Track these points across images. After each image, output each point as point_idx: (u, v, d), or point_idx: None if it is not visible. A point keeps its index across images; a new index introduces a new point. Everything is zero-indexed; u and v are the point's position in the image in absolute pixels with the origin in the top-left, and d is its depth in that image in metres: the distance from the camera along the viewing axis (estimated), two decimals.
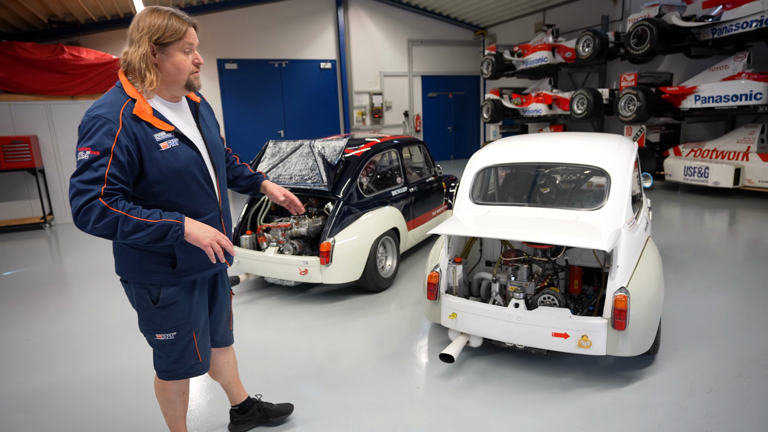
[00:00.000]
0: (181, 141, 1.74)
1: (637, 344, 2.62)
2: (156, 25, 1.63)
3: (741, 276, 4.36)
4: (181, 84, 1.73)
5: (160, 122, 1.69)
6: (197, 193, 1.79)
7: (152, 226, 1.57)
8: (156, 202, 1.70)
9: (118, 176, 1.56)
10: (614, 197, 2.88)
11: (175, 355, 1.91)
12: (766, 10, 6.95)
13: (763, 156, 7.34)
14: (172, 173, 1.69)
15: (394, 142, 4.95)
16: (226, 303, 2.15)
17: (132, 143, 1.60)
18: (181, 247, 1.75)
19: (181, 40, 1.68)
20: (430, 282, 3.01)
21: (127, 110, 1.61)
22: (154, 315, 1.84)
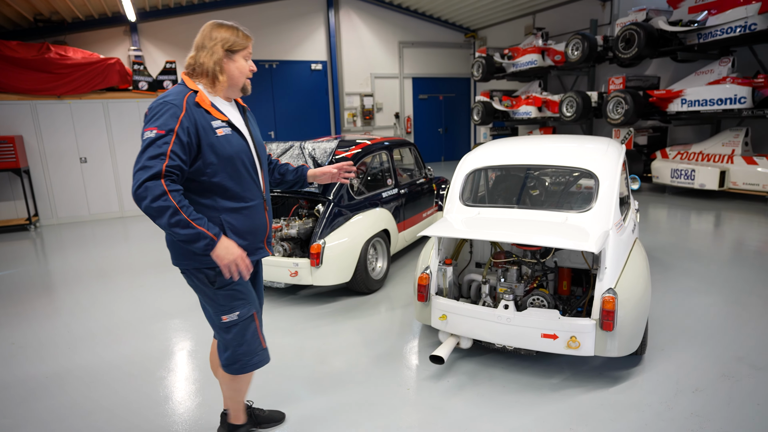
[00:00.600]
0: (233, 130, 1.94)
1: (624, 345, 2.64)
2: (227, 37, 1.90)
3: (726, 277, 4.42)
4: (239, 86, 1.98)
5: (217, 112, 1.90)
6: (245, 179, 1.97)
7: (194, 229, 1.72)
8: (209, 182, 1.87)
9: (178, 154, 1.74)
10: (602, 199, 2.91)
11: (239, 339, 2.01)
12: (749, 16, 7.09)
13: (747, 159, 7.46)
14: (226, 157, 1.88)
15: (385, 144, 4.96)
16: (262, 294, 2.31)
17: (192, 126, 1.79)
18: (232, 229, 1.92)
19: (245, 49, 1.96)
20: (420, 284, 3.02)
21: (190, 98, 1.84)
22: (216, 296, 1.96)
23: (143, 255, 6.07)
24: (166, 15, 11.59)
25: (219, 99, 1.97)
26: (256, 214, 2.02)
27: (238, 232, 1.95)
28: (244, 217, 1.97)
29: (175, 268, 5.35)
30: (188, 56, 1.94)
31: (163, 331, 3.80)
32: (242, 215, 1.97)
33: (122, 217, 8.63)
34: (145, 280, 5.07)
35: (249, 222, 1.99)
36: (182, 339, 3.65)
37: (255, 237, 2.03)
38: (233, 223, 1.93)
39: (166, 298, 4.50)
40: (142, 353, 3.43)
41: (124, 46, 11.40)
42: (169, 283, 4.91)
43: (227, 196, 1.92)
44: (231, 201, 1.93)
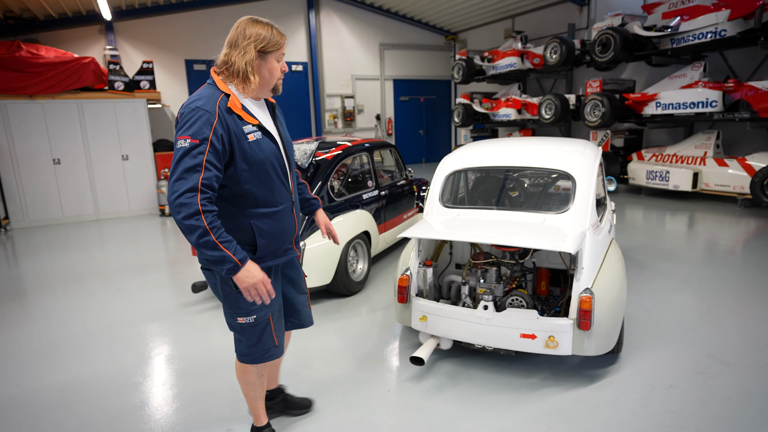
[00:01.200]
0: (264, 134, 1.91)
1: (601, 344, 2.69)
2: (262, 36, 1.84)
3: (700, 276, 4.54)
4: (270, 87, 1.94)
5: (248, 116, 1.86)
6: (276, 184, 1.95)
7: (220, 252, 1.71)
8: (241, 190, 1.86)
9: (214, 163, 1.73)
10: (579, 201, 2.96)
11: (254, 339, 2.04)
12: (719, 22, 7.31)
13: (718, 161, 7.68)
14: (257, 163, 1.85)
15: (365, 145, 4.95)
16: (304, 285, 2.31)
17: (225, 133, 1.78)
18: (261, 234, 1.93)
19: (278, 50, 1.90)
20: (400, 285, 3.02)
21: (222, 103, 1.80)
22: (237, 299, 1.95)
23: (119, 258, 5.94)
24: (143, 14, 11.38)
25: (248, 100, 1.92)
26: (286, 217, 2.02)
27: (267, 236, 1.96)
28: (274, 221, 1.97)
29: (151, 272, 5.28)
30: (221, 53, 1.88)
31: (139, 336, 3.72)
32: (272, 219, 1.97)
33: (97, 219, 8.43)
34: (121, 284, 4.96)
35: (279, 225, 1.99)
36: (160, 344, 3.57)
37: (284, 239, 2.04)
38: (263, 228, 1.93)
39: (143, 303, 4.41)
40: (119, 359, 3.34)
41: (99, 46, 11.15)
42: (146, 287, 4.81)
43: (257, 203, 1.92)
44: (261, 207, 1.93)
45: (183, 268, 5.39)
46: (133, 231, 7.53)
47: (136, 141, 8.49)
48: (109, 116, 8.22)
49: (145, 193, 8.73)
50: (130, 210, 8.68)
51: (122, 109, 8.29)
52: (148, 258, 5.89)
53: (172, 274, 5.21)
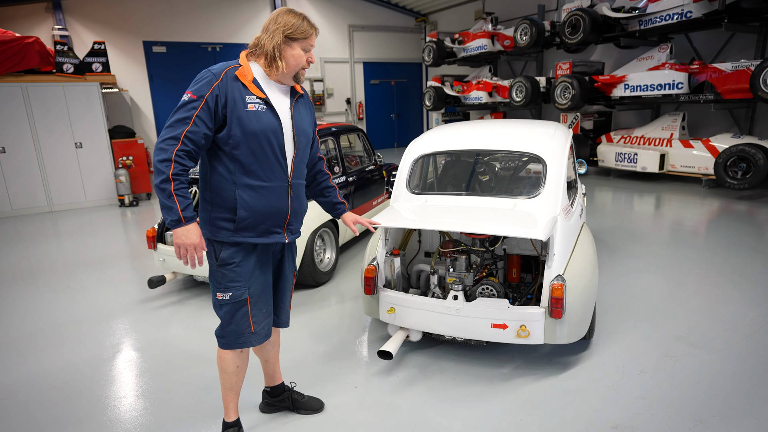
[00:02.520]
0: (269, 109, 1.93)
1: (573, 331, 2.62)
2: (291, 23, 1.91)
3: (667, 258, 4.57)
4: (292, 74, 1.97)
5: (255, 89, 1.91)
6: (268, 159, 1.94)
7: (171, 202, 1.79)
8: (230, 153, 1.90)
9: (204, 120, 1.83)
10: (550, 185, 2.86)
11: (228, 318, 2.04)
12: (685, 4, 7.33)
13: (684, 142, 7.79)
14: (250, 132, 1.89)
15: (332, 129, 4.74)
16: (290, 281, 2.27)
17: (222, 95, 1.85)
18: (243, 205, 1.93)
19: (306, 40, 1.94)
20: (367, 276, 2.87)
21: (231, 70, 1.89)
22: (216, 273, 2.01)
23: (76, 252, 5.60)
24: None
25: (270, 81, 1.98)
26: (275, 197, 1.99)
27: (250, 209, 1.94)
28: (260, 196, 1.95)
29: (108, 266, 4.99)
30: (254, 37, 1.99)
31: (97, 335, 3.47)
32: (258, 194, 1.95)
33: (51, 211, 7.96)
34: (75, 279, 4.65)
35: (264, 202, 1.97)
36: (118, 342, 3.34)
37: (269, 218, 2.00)
38: (246, 200, 1.93)
39: (98, 299, 4.13)
40: (79, 358, 3.10)
41: (46, 25, 10.43)
42: (102, 283, 4.53)
43: (245, 171, 1.92)
44: (249, 177, 1.93)
45: (141, 262, 5.11)
46: (90, 223, 7.13)
47: (90, 127, 8.00)
48: (59, 101, 7.70)
49: (102, 182, 8.28)
50: (87, 201, 8.22)
51: (73, 94, 7.78)
52: (106, 251, 5.56)
53: (129, 269, 4.93)
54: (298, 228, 2.16)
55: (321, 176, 2.37)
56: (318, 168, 2.35)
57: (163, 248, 4.01)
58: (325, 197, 2.40)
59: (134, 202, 8.24)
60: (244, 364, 2.19)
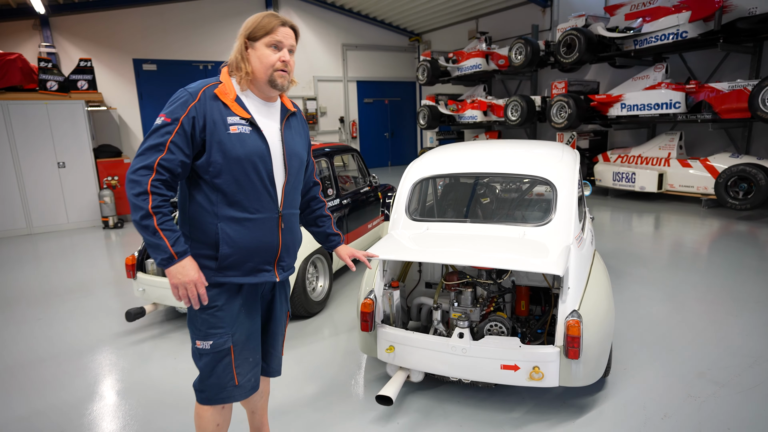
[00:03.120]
0: (254, 130, 1.71)
1: (590, 372, 2.38)
2: (251, 22, 1.70)
3: (676, 282, 4.37)
4: (265, 79, 1.71)
5: (239, 108, 1.69)
6: (255, 188, 1.72)
7: (158, 239, 1.57)
8: (211, 182, 1.68)
9: (179, 146, 1.61)
10: (561, 211, 2.66)
11: (208, 370, 1.78)
12: (680, 24, 7.31)
13: (682, 162, 7.69)
14: (233, 158, 1.67)
15: (325, 150, 4.54)
16: (282, 324, 2.00)
17: (200, 116, 1.64)
18: (227, 241, 1.70)
19: (269, 35, 1.69)
20: (363, 311, 2.63)
21: (209, 89, 1.68)
22: (195, 317, 1.77)
23: (53, 278, 5.28)
24: (84, 9, 10.54)
25: (252, 95, 1.75)
26: (263, 230, 1.75)
27: (235, 245, 1.71)
28: (246, 229, 1.72)
29: (85, 295, 4.67)
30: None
31: (71, 374, 3.16)
32: (243, 227, 1.71)
33: (30, 234, 7.62)
34: (53, 309, 4.34)
35: (250, 237, 1.73)
36: (95, 383, 3.04)
37: (257, 255, 1.76)
38: (230, 234, 1.69)
39: (77, 332, 3.83)
40: (46, 404, 2.80)
41: (33, 42, 10.24)
42: (81, 313, 4.22)
43: (228, 202, 1.70)
44: (233, 209, 1.70)
45: (122, 289, 4.81)
46: (71, 246, 6.82)
47: (74, 147, 7.74)
48: (42, 119, 7.44)
49: (85, 203, 7.98)
50: (69, 222, 7.91)
51: (57, 112, 7.53)
52: (84, 278, 5.26)
53: (107, 297, 4.63)
54: (291, 264, 1.90)
55: (315, 203, 2.12)
56: (312, 194, 2.11)
57: (143, 277, 3.74)
58: (318, 227, 2.15)
59: (119, 224, 7.94)
60: (226, 422, 1.90)
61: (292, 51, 1.74)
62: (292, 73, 1.77)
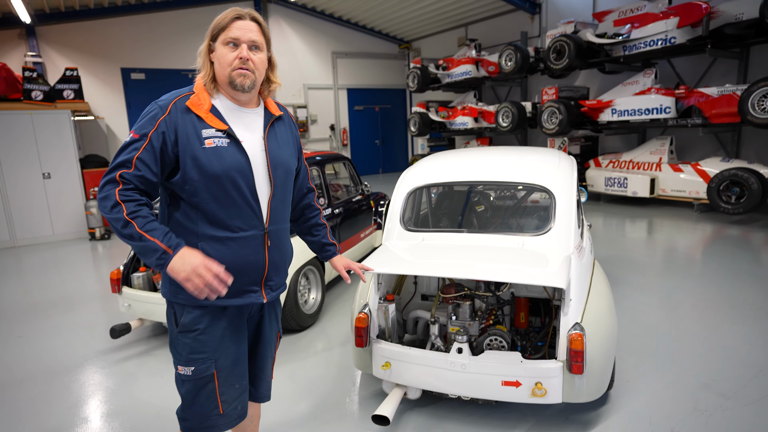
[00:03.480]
0: (233, 142, 1.57)
1: (594, 387, 2.30)
2: (214, 20, 1.59)
3: (673, 289, 4.32)
4: (225, 81, 1.58)
5: (214, 119, 1.56)
6: (236, 204, 1.59)
7: (145, 241, 1.43)
8: (189, 202, 1.56)
9: (146, 162, 1.49)
10: (561, 220, 2.59)
11: (190, 398, 1.66)
12: (669, 29, 7.35)
13: (673, 166, 7.70)
14: (211, 174, 1.53)
15: (316, 159, 4.45)
16: (272, 346, 1.87)
17: (171, 131, 1.52)
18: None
19: (223, 32, 1.56)
20: (358, 326, 2.52)
21: (180, 101, 1.56)
22: (176, 341, 1.65)
23: (41, 292, 5.11)
24: (70, 18, 10.40)
25: (228, 102, 1.62)
26: (247, 249, 1.62)
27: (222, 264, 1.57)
28: (228, 249, 1.59)
29: (68, 310, 4.51)
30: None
31: (52, 395, 3.02)
32: (225, 247, 1.59)
33: (14, 246, 7.42)
34: (35, 325, 4.18)
35: (234, 256, 1.60)
36: (77, 404, 2.89)
37: (241, 276, 1.62)
38: (211, 254, 1.56)
39: (60, 350, 3.68)
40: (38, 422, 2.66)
41: (19, 51, 10.07)
42: (65, 329, 4.06)
43: (208, 220, 1.58)
44: (213, 227, 1.58)
45: (107, 304, 4.66)
46: (56, 259, 6.63)
47: (59, 157, 7.57)
48: (26, 130, 7.27)
49: (71, 214, 7.79)
50: (54, 234, 7.72)
51: (42, 122, 7.37)
52: (69, 292, 5.09)
53: (92, 313, 4.47)
54: (280, 282, 1.78)
55: (310, 211, 2.00)
56: (307, 201, 1.98)
57: (128, 292, 3.61)
58: (313, 236, 2.02)
59: (106, 235, 7.76)
60: None
61: (256, 47, 1.58)
62: (260, 71, 1.61)
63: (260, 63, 1.60)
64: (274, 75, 1.70)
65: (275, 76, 1.70)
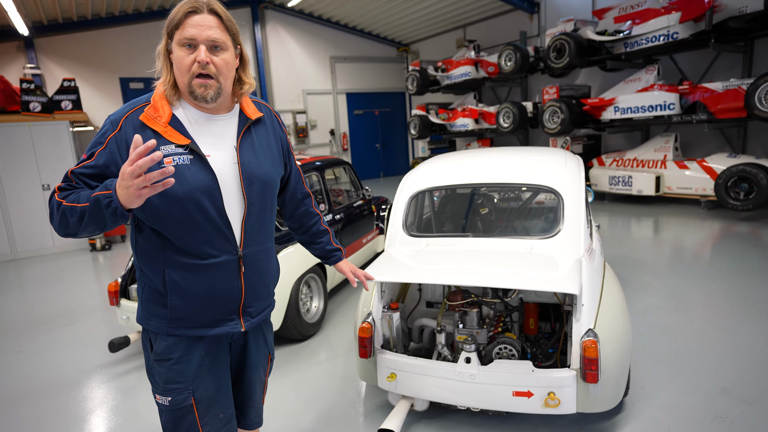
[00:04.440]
0: (196, 159, 1.37)
1: (610, 395, 2.20)
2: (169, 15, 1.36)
3: (684, 289, 4.21)
4: (185, 89, 1.37)
5: (174, 133, 1.36)
6: (202, 228, 1.40)
7: (82, 206, 1.24)
8: (150, 226, 1.41)
9: (83, 177, 1.33)
10: (570, 221, 2.49)
11: (170, 428, 1.51)
12: (671, 25, 7.26)
13: (678, 163, 7.60)
14: (171, 198, 1.34)
15: (316, 164, 4.37)
16: (261, 371, 1.70)
17: (121, 149, 1.34)
18: (175, 289, 1.42)
19: (178, 30, 1.34)
20: (361, 336, 2.43)
21: (134, 115, 1.37)
22: (152, 368, 1.51)
23: (40, 305, 5.04)
24: (68, 29, 10.39)
25: (192, 109, 1.41)
26: (218, 276, 1.44)
27: (185, 295, 1.42)
28: (197, 277, 1.42)
29: (67, 323, 4.43)
30: None
31: (50, 411, 2.93)
32: (194, 275, 1.42)
33: (14, 259, 7.37)
34: (33, 340, 4.10)
35: (203, 285, 1.43)
36: (87, 417, 2.81)
37: (213, 304, 1.46)
38: (178, 283, 1.41)
39: (58, 364, 3.60)
40: None
41: (18, 63, 10.06)
42: (64, 343, 3.99)
43: (174, 247, 1.41)
44: (179, 254, 1.41)
45: (108, 316, 4.58)
46: (56, 271, 6.57)
47: (59, 168, 7.51)
48: (25, 142, 7.23)
49: None
50: (55, 246, 7.66)
51: (40, 133, 7.32)
52: (68, 304, 5.01)
53: (91, 326, 4.39)
54: (261, 307, 1.59)
55: (309, 219, 1.83)
56: (304, 209, 1.81)
57: (127, 304, 3.53)
58: (316, 244, 1.86)
59: (106, 245, 7.70)
60: None
61: (217, 46, 1.35)
62: (224, 75, 1.37)
63: (223, 65, 1.36)
64: (246, 74, 1.47)
65: (248, 75, 1.48)
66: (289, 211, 1.81)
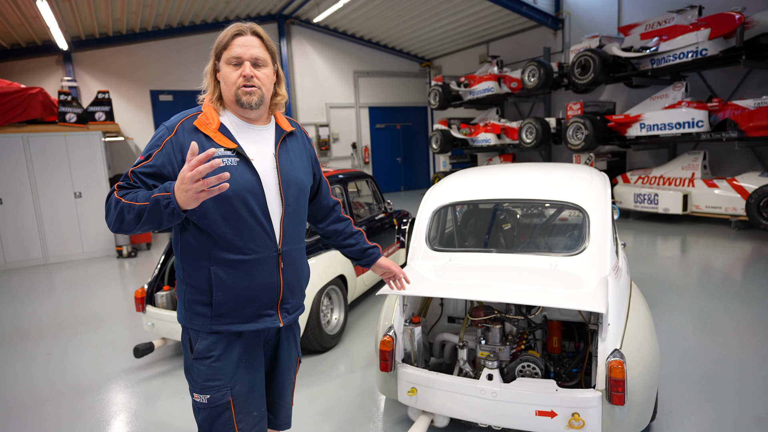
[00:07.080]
0: (243, 162, 1.53)
1: (636, 419, 2.14)
2: (217, 39, 1.56)
3: (713, 312, 4.08)
4: (231, 100, 1.55)
5: (223, 138, 1.53)
6: (248, 225, 1.54)
7: (142, 205, 1.36)
8: (199, 224, 1.52)
9: (142, 176, 1.46)
10: (596, 239, 2.46)
11: (207, 426, 1.60)
12: (699, 41, 7.16)
13: (707, 182, 7.42)
14: (220, 196, 1.45)
15: (339, 177, 4.42)
16: (291, 371, 1.80)
17: (176, 151, 1.49)
18: (220, 285, 1.53)
19: (225, 50, 1.53)
20: (383, 349, 2.43)
21: (188, 121, 1.54)
22: (191, 367, 1.60)
23: (68, 309, 5.18)
24: (104, 44, 10.84)
25: (237, 119, 1.58)
26: (260, 272, 1.57)
27: (229, 290, 1.54)
28: (240, 273, 1.54)
29: (95, 328, 4.55)
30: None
31: (75, 414, 3.01)
32: (237, 271, 1.54)
33: (46, 264, 7.61)
34: (61, 343, 4.22)
35: (247, 280, 1.55)
36: (111, 421, 2.87)
37: (254, 299, 1.57)
38: (223, 279, 1.53)
39: (84, 368, 3.69)
40: None
41: (56, 76, 10.52)
42: (89, 347, 4.09)
43: (219, 243, 1.52)
44: (224, 251, 1.53)
45: (133, 321, 4.68)
46: (84, 276, 6.76)
47: (90, 177, 7.78)
48: (60, 151, 7.52)
49: (100, 233, 7.97)
50: (84, 252, 7.89)
51: (74, 143, 7.60)
52: (95, 309, 5.15)
53: (117, 331, 4.49)
54: (297, 304, 1.71)
55: (341, 224, 1.94)
56: (335, 216, 1.93)
57: (152, 311, 3.60)
58: (352, 246, 1.94)
59: (132, 253, 7.89)
60: None
61: (259, 64, 1.54)
62: (266, 87, 1.56)
63: (266, 78, 1.56)
64: (281, 88, 1.66)
65: (282, 88, 1.66)
66: (321, 217, 1.91)
